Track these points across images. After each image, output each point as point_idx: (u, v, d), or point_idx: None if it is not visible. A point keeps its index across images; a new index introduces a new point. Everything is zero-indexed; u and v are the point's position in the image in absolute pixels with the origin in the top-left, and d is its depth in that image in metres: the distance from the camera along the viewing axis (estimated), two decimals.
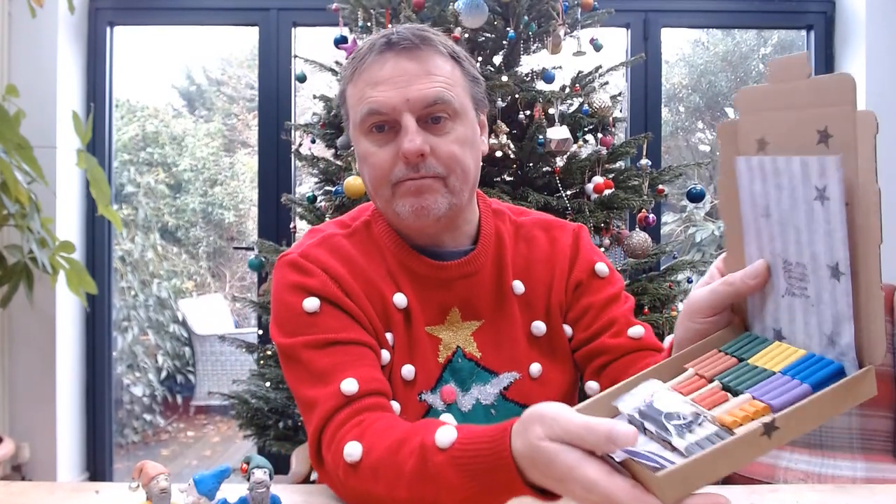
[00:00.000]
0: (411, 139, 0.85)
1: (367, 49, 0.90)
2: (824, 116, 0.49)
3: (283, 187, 2.70)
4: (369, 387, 0.82)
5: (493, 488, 0.65)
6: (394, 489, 0.72)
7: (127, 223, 4.59)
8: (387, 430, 0.76)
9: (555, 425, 0.56)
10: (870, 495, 0.84)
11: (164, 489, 0.66)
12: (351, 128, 0.93)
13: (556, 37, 1.95)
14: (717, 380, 0.55)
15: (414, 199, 0.87)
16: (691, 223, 5.36)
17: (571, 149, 1.88)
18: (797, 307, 0.54)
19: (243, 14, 2.79)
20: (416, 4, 1.89)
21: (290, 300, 0.88)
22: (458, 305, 0.94)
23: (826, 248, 0.49)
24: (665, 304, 1.87)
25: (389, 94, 0.86)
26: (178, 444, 4.12)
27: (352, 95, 0.91)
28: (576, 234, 1.01)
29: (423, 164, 0.87)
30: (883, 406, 2.21)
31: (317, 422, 0.81)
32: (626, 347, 0.91)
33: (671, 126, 6.02)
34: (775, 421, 0.47)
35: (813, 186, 0.49)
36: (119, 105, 5.02)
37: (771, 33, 5.61)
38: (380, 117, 0.87)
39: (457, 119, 0.89)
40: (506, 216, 1.01)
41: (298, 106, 2.94)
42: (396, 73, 0.86)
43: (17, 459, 2.53)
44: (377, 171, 0.89)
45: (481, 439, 0.66)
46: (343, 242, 0.93)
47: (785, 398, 0.48)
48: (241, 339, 2.24)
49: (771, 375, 0.52)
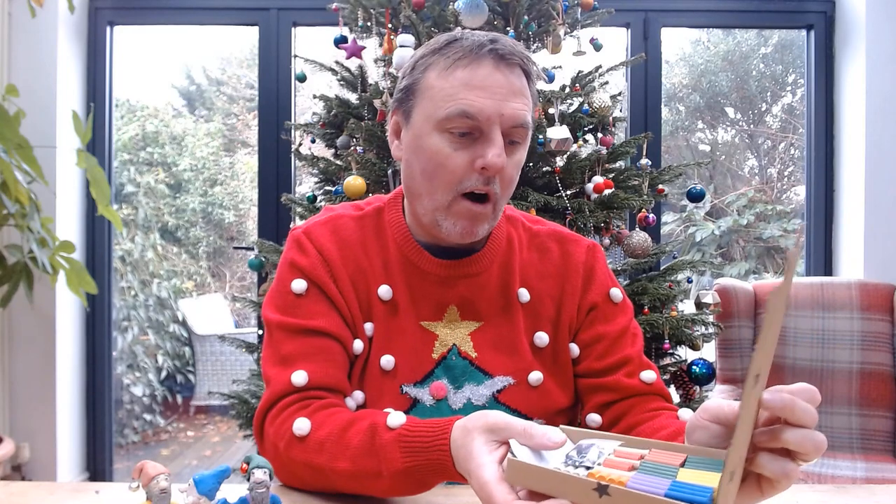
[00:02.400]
0: (499, 153, 0.84)
1: (467, 48, 0.86)
2: None
3: (283, 187, 2.70)
4: (319, 382, 0.88)
5: (427, 467, 0.73)
6: (335, 460, 0.78)
7: (127, 223, 4.59)
8: (337, 413, 0.83)
9: (498, 421, 0.66)
10: (870, 495, 0.84)
11: (164, 489, 0.66)
12: (419, 117, 0.89)
13: (555, 36, 1.95)
14: (642, 463, 0.60)
15: (467, 224, 0.89)
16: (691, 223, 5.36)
17: (571, 148, 1.88)
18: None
19: (243, 14, 2.79)
20: (416, 4, 1.89)
21: (285, 275, 0.94)
22: (458, 304, 0.94)
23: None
24: (665, 303, 1.87)
25: (487, 103, 0.84)
26: (178, 444, 4.12)
27: (436, 87, 0.87)
28: (591, 252, 1.01)
29: (493, 180, 0.87)
30: (883, 406, 2.21)
31: (266, 399, 0.88)
32: (636, 390, 0.93)
33: (671, 126, 6.02)
34: (609, 488, 0.54)
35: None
36: (119, 105, 5.02)
37: (771, 33, 5.61)
38: (470, 122, 0.85)
39: (524, 145, 0.90)
40: (519, 223, 1.02)
41: (298, 106, 2.94)
42: (497, 84, 0.85)
43: (17, 459, 2.53)
44: (448, 174, 0.87)
45: (427, 424, 0.74)
46: (349, 224, 0.96)
47: (639, 486, 0.55)
48: (241, 339, 2.23)
49: (667, 478, 0.57)
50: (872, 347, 2.22)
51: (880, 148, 2.59)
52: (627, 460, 0.60)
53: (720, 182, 6.10)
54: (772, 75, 5.96)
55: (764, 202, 5.77)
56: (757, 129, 6.17)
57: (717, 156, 6.20)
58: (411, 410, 0.91)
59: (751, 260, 5.72)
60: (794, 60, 5.72)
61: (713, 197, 5.85)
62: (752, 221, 5.58)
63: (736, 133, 6.33)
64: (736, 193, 5.84)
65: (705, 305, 1.98)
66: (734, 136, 6.33)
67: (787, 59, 5.83)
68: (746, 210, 5.64)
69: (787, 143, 6.00)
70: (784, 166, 6.12)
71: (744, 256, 5.78)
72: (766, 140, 6.17)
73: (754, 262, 5.73)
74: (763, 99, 6.04)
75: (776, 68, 5.94)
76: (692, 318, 1.87)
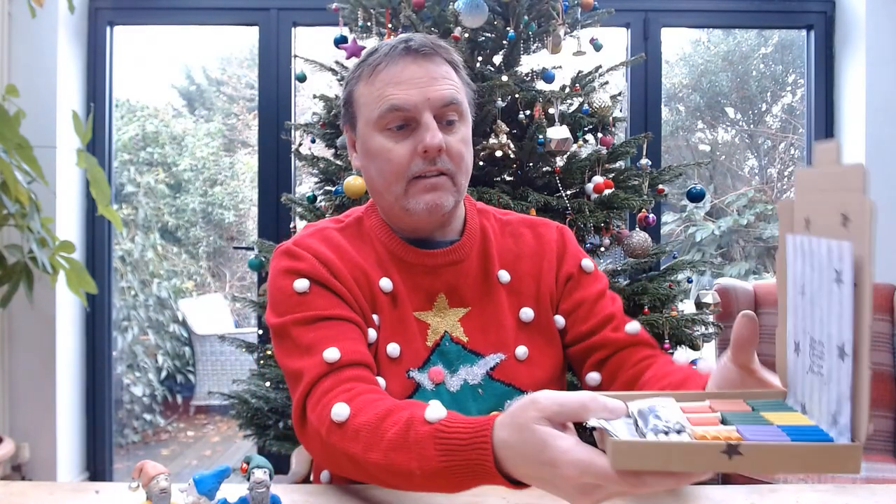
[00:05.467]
0: (433, 134, 0.92)
1: (384, 52, 0.95)
2: (845, 201, 0.51)
3: (283, 187, 2.70)
4: (352, 357, 0.87)
5: (464, 468, 0.68)
6: (369, 451, 0.75)
7: (127, 223, 4.59)
8: (377, 401, 0.81)
9: (551, 404, 0.60)
10: (870, 495, 0.84)
11: (164, 489, 0.66)
12: (361, 125, 0.98)
13: (556, 36, 1.95)
14: (720, 413, 0.58)
15: (429, 196, 0.94)
16: (691, 223, 5.36)
17: (571, 148, 1.88)
18: (815, 384, 0.56)
19: (243, 14, 2.79)
20: (416, 4, 1.89)
21: (283, 283, 0.94)
22: (445, 292, 0.99)
23: (837, 329, 0.52)
24: (665, 303, 1.87)
25: (411, 93, 0.92)
26: (178, 444, 4.12)
27: (366, 94, 0.96)
28: (560, 232, 1.08)
29: (439, 159, 0.94)
30: (883, 406, 2.21)
31: (303, 388, 0.86)
32: (625, 342, 0.98)
33: (671, 126, 6.02)
34: (740, 447, 0.49)
35: (833, 269, 0.52)
36: (119, 105, 5.02)
37: (771, 33, 5.61)
38: (401, 114, 0.93)
39: (463, 120, 0.97)
40: (490, 214, 1.08)
41: (298, 106, 2.94)
42: (417, 75, 0.93)
43: (17, 459, 2.53)
44: (394, 165, 0.94)
45: (466, 421, 0.70)
46: (334, 234, 1.00)
47: (760, 437, 0.51)
48: (241, 339, 2.23)
49: (767, 425, 0.54)
50: (872, 347, 2.21)
51: (880, 148, 2.58)
52: (706, 414, 0.57)
53: (720, 182, 6.10)
54: (772, 75, 5.97)
55: (764, 202, 5.78)
56: (757, 129, 6.17)
57: (717, 156, 6.20)
58: (414, 395, 0.95)
59: (751, 260, 5.73)
60: (794, 60, 5.73)
61: (713, 197, 5.86)
62: (752, 221, 5.59)
63: (736, 133, 6.33)
64: (736, 193, 5.85)
65: (705, 305, 1.98)
66: (734, 136, 6.34)
67: (787, 59, 5.83)
68: (746, 210, 5.64)
69: (787, 143, 6.00)
70: (784, 166, 6.12)
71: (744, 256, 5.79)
72: (766, 140, 6.18)
73: (754, 262, 5.73)
74: (763, 99, 6.04)
75: (776, 68, 5.94)
76: (692, 318, 1.87)
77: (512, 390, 0.96)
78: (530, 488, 0.65)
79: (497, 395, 0.96)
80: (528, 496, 0.82)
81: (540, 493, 0.82)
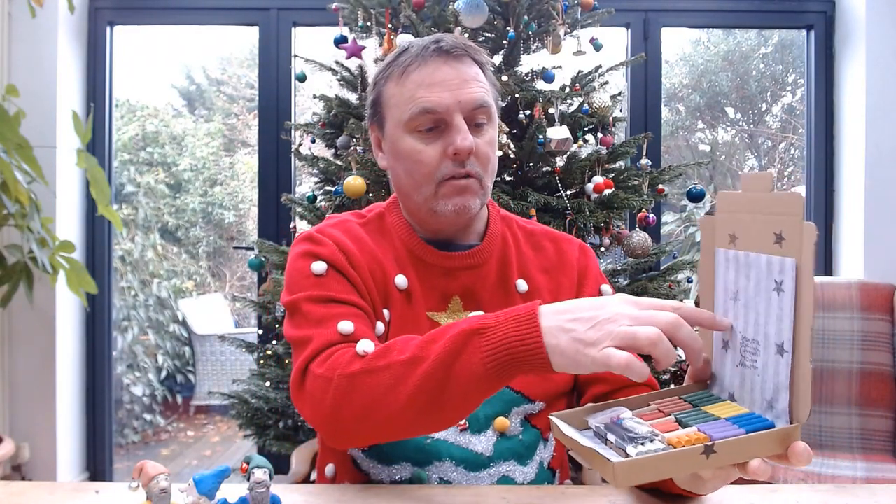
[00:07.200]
0: (464, 136, 0.92)
1: (415, 53, 0.95)
2: (780, 223, 0.62)
3: (283, 187, 2.70)
4: (366, 336, 0.86)
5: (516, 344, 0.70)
6: (401, 353, 0.76)
7: (127, 223, 4.59)
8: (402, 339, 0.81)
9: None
10: (870, 495, 0.84)
11: (164, 489, 0.66)
12: (390, 126, 0.97)
13: (556, 36, 1.95)
14: (673, 416, 0.66)
15: (458, 199, 0.94)
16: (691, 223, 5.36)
17: (571, 148, 1.88)
18: (747, 376, 0.66)
19: (243, 14, 2.79)
20: (416, 4, 1.89)
21: (301, 265, 0.94)
22: (461, 294, 0.99)
23: (776, 329, 0.62)
24: None
25: (443, 96, 0.92)
26: (178, 444, 4.12)
27: (396, 95, 0.96)
28: (583, 251, 1.08)
29: (468, 162, 0.94)
30: (883, 406, 2.21)
31: (309, 352, 0.85)
32: (625, 381, 0.97)
33: (671, 126, 6.02)
34: (714, 446, 0.58)
35: (773, 280, 0.62)
36: (119, 105, 5.02)
37: (771, 33, 5.61)
38: (432, 116, 0.93)
39: (491, 123, 0.97)
40: (514, 222, 1.08)
41: (298, 106, 2.94)
42: (449, 77, 0.93)
43: (17, 459, 2.53)
44: (424, 167, 0.94)
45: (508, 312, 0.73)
46: (356, 227, 1.01)
47: (723, 434, 0.60)
48: (241, 339, 2.23)
49: (717, 420, 0.63)
50: (872, 347, 2.22)
51: (880, 148, 2.58)
52: (663, 419, 0.65)
53: (720, 182, 6.10)
54: (772, 75, 5.96)
55: None
56: (757, 129, 6.17)
57: (717, 156, 6.20)
58: None
59: None
60: (794, 60, 5.72)
61: (713, 197, 5.85)
62: None
63: (736, 133, 6.33)
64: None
65: None
66: (734, 136, 6.34)
67: (787, 59, 5.83)
68: None
69: (787, 143, 6.00)
70: (784, 166, 6.12)
71: None
72: (766, 140, 6.17)
73: None
74: (763, 99, 6.04)
75: (776, 68, 5.94)
76: None
77: (521, 398, 0.96)
78: (530, 489, 0.65)
79: (505, 402, 0.95)
80: (528, 496, 0.82)
81: (540, 494, 0.82)
